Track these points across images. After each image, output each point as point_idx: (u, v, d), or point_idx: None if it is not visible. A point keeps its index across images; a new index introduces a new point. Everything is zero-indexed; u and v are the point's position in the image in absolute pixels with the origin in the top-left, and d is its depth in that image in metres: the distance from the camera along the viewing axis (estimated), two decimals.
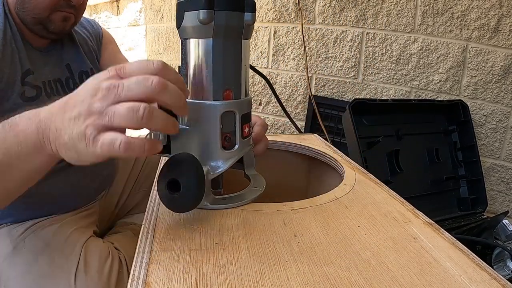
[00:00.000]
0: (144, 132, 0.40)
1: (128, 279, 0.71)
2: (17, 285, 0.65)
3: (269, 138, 0.79)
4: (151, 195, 0.51)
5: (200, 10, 0.41)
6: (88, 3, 0.79)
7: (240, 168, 0.54)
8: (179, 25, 0.44)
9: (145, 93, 0.34)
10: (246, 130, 0.48)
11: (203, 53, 0.44)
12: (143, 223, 0.43)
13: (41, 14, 0.66)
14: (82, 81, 0.78)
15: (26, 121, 0.39)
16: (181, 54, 0.46)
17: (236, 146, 0.47)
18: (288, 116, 0.84)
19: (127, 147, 0.34)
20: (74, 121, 0.35)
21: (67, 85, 0.76)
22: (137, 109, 0.34)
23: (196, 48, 0.44)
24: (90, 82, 0.36)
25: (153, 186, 0.53)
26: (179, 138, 0.44)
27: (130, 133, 0.37)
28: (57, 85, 0.74)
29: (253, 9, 0.44)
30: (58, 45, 0.76)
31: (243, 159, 0.53)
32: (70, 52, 0.78)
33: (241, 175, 0.56)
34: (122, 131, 0.36)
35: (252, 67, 0.71)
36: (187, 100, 0.42)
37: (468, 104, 1.32)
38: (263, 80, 1.85)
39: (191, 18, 0.42)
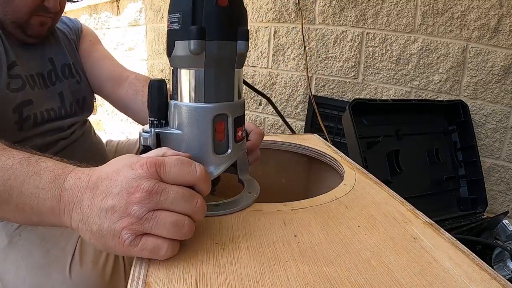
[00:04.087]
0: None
1: (124, 271, 0.71)
2: (13, 278, 0.66)
3: (270, 138, 0.79)
4: None
5: (191, 40, 0.39)
6: (88, 3, 0.81)
7: (234, 172, 0.52)
8: (169, 53, 0.43)
9: (187, 212, 0.35)
10: (239, 133, 0.46)
11: (195, 84, 0.42)
12: None
13: (20, 18, 0.70)
14: (64, 74, 0.81)
15: (51, 180, 0.38)
16: (172, 83, 0.45)
17: (229, 150, 0.45)
18: (285, 122, 0.85)
19: (172, 253, 0.35)
20: (107, 213, 0.34)
21: (49, 78, 0.79)
22: (181, 225, 0.34)
23: (187, 78, 0.43)
24: (127, 172, 0.35)
25: None
26: (171, 143, 0.43)
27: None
28: (39, 78, 0.77)
29: (246, 37, 0.42)
30: (41, 40, 0.79)
31: (236, 163, 0.51)
32: (52, 46, 0.82)
33: (236, 179, 0.54)
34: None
35: (254, 88, 0.69)
36: (179, 102, 0.43)
37: (468, 104, 1.32)
38: (263, 80, 1.85)
39: (182, 47, 0.41)
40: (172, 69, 0.44)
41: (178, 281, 0.33)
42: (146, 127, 0.45)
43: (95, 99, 0.96)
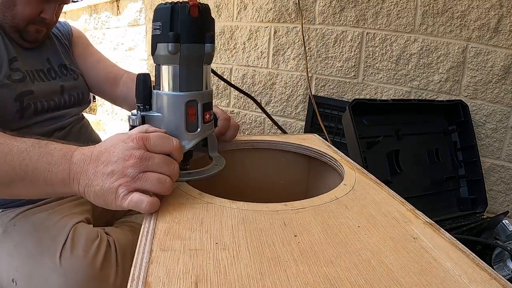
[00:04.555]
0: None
1: (115, 261, 0.72)
2: (6, 266, 0.67)
3: (270, 138, 0.79)
4: None
5: (169, 43, 0.50)
6: (88, 3, 0.84)
7: (206, 151, 0.64)
8: (153, 53, 0.53)
9: (167, 173, 0.46)
10: (207, 116, 0.56)
11: (172, 77, 0.53)
12: (142, 223, 0.43)
13: (19, 25, 0.75)
14: (62, 71, 0.87)
15: (60, 156, 0.47)
16: (155, 76, 0.54)
17: (199, 129, 0.56)
18: (270, 117, 0.88)
19: (150, 208, 0.44)
20: (107, 176, 0.44)
21: (49, 73, 0.84)
22: (164, 181, 0.45)
23: (166, 72, 0.53)
24: (121, 146, 0.45)
25: None
26: (153, 123, 0.54)
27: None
28: (39, 73, 0.81)
29: (212, 41, 0.53)
30: (38, 43, 0.84)
31: (208, 144, 0.63)
32: (48, 48, 0.87)
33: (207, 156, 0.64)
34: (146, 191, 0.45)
35: (232, 85, 0.78)
36: (160, 91, 0.53)
37: (468, 104, 1.32)
38: (263, 80, 1.85)
39: (162, 48, 0.51)
40: (155, 65, 0.54)
41: (178, 281, 0.33)
42: (134, 111, 0.55)
43: (94, 99, 1.00)
